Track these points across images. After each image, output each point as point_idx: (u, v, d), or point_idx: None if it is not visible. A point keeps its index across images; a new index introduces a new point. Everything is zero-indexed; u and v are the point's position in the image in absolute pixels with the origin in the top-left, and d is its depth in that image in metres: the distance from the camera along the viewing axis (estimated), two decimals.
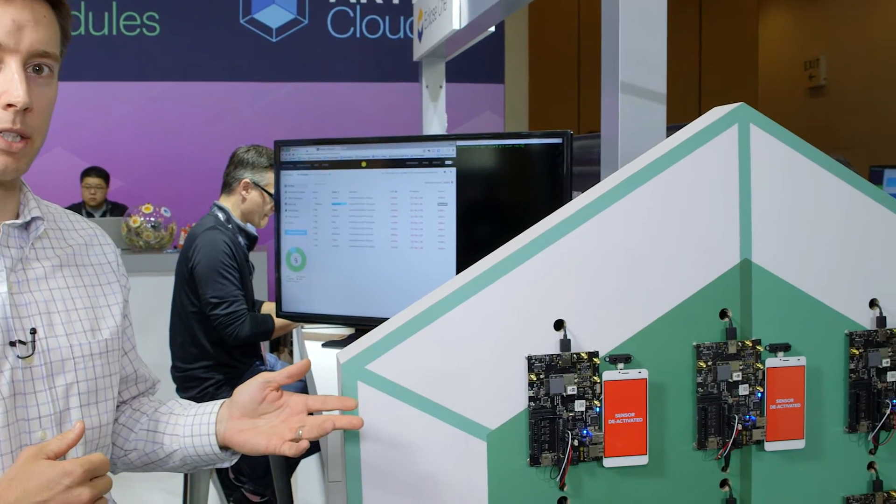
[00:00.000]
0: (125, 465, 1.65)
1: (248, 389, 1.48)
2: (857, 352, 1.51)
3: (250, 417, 1.48)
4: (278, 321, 3.25)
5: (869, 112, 9.42)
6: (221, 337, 3.18)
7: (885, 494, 1.54)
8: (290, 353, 5.23)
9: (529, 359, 1.39)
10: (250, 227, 3.55)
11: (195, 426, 1.55)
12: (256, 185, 3.48)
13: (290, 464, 3.39)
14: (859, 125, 9.58)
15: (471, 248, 2.36)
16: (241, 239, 3.45)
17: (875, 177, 5.92)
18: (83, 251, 1.57)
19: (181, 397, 3.24)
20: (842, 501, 1.53)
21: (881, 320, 1.53)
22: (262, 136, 4.06)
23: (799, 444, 1.49)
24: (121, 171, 7.74)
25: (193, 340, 3.27)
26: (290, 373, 1.45)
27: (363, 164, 2.52)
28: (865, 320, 1.53)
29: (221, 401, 1.57)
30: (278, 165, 2.66)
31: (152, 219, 5.97)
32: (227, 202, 3.51)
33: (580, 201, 1.44)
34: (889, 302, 1.54)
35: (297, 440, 1.38)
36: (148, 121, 8.02)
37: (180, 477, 3.60)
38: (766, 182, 1.48)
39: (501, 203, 2.42)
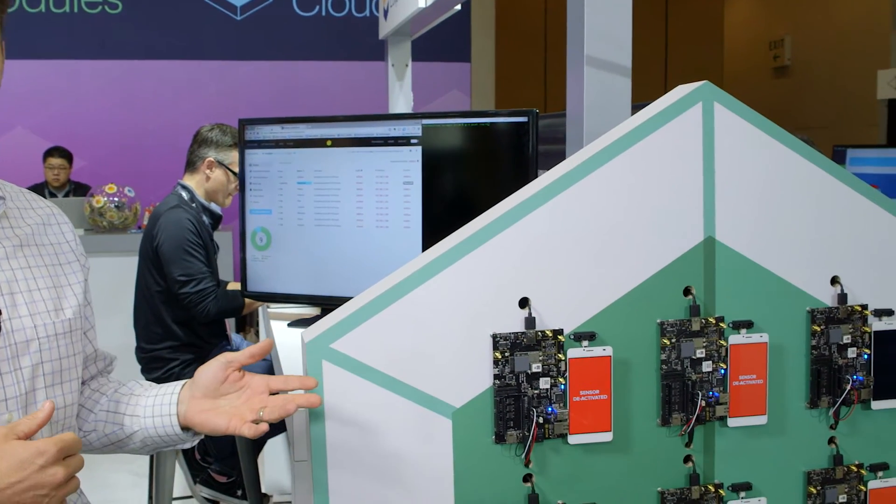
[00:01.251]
0: (85, 447, 1.64)
1: (209, 370, 1.47)
2: (818, 328, 1.53)
3: (212, 398, 1.47)
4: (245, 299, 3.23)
5: (833, 92, 9.50)
6: (192, 315, 3.16)
7: (846, 469, 1.56)
8: (256, 333, 5.21)
9: (494, 337, 1.39)
10: (214, 207, 3.52)
11: (156, 406, 1.54)
12: (220, 163, 3.45)
13: (257, 444, 3.38)
14: (823, 105, 9.65)
15: (436, 226, 2.36)
16: (205, 218, 3.42)
17: (838, 156, 5.97)
18: (42, 230, 1.55)
19: (146, 378, 3.22)
20: (803, 476, 1.55)
21: (842, 297, 1.54)
22: (227, 115, 4.02)
23: (761, 420, 1.51)
24: (83, 151, 7.65)
25: (158, 321, 3.24)
26: (253, 353, 1.45)
27: (328, 142, 2.50)
28: (827, 297, 1.55)
29: (183, 381, 1.56)
30: (242, 144, 2.64)
31: (116, 199, 5.92)
32: (190, 181, 3.48)
33: (545, 179, 1.43)
34: (850, 279, 1.55)
35: (257, 421, 1.37)
36: (111, 100, 7.92)
37: (146, 458, 3.59)
38: (729, 160, 1.49)
39: (467, 182, 2.41)
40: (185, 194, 3.42)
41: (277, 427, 3.21)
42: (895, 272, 1.57)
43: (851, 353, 1.54)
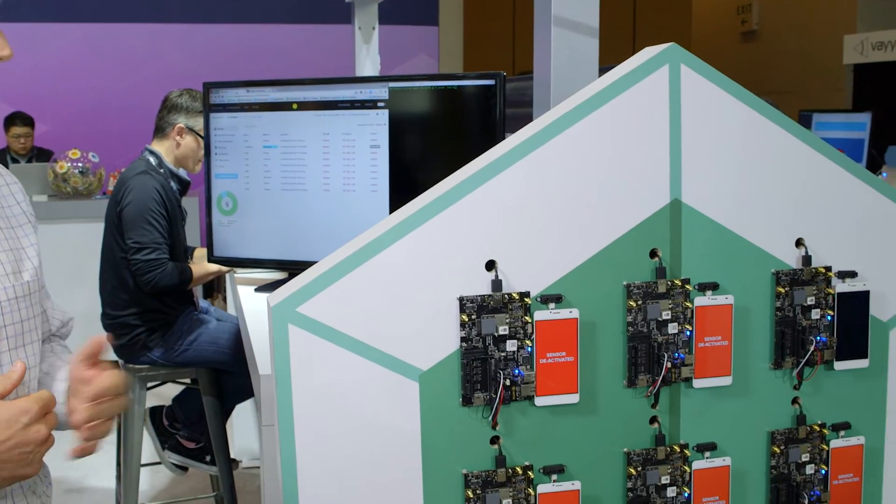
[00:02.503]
0: None
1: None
2: (782, 290, 1.54)
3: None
4: (197, 269, 3.21)
5: (800, 57, 9.53)
6: (138, 284, 3.13)
7: (809, 428, 1.58)
8: (224, 298, 5.19)
9: (461, 299, 1.39)
10: (182, 172, 3.48)
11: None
12: (191, 129, 3.41)
13: (225, 409, 3.38)
14: (790, 70, 9.69)
15: (404, 190, 2.35)
16: (173, 184, 3.39)
17: (804, 121, 6.01)
18: None
19: (112, 344, 3.20)
20: (767, 436, 1.57)
21: (806, 259, 1.55)
22: (191, 79, 3.97)
23: (726, 381, 1.52)
24: (46, 116, 7.55)
25: (123, 287, 3.22)
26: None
27: (294, 106, 2.48)
28: (791, 259, 1.56)
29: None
30: (207, 108, 2.61)
31: (80, 164, 5.85)
32: (159, 147, 3.44)
33: (511, 142, 1.43)
34: (814, 241, 1.56)
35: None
36: (73, 64, 7.81)
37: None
38: (696, 122, 1.49)
39: (434, 145, 2.40)
40: (153, 160, 3.38)
41: (246, 391, 3.21)
42: (859, 235, 1.59)
43: (815, 314, 1.56)
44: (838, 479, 1.60)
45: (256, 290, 2.67)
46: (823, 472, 1.59)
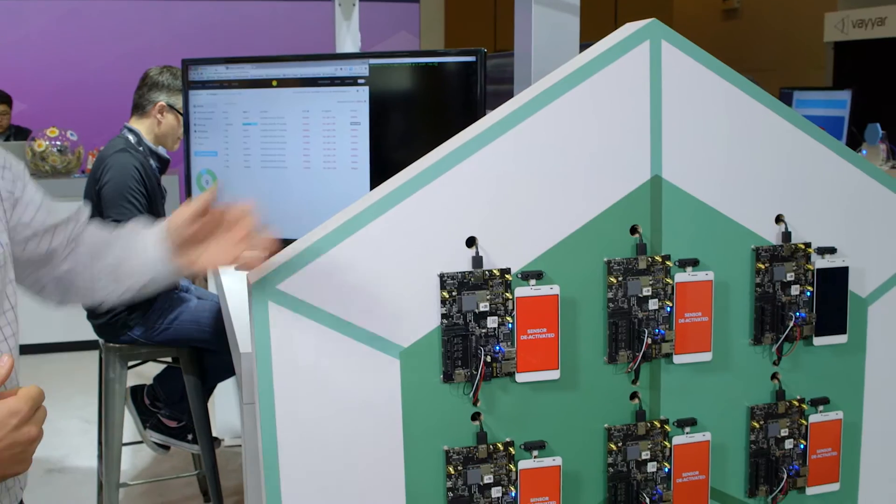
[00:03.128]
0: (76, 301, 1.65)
1: (179, 228, 1.44)
2: (762, 266, 1.54)
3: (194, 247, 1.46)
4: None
5: (781, 35, 9.54)
6: None
7: (788, 403, 1.59)
8: (205, 277, 5.17)
9: (441, 276, 1.38)
10: (162, 150, 3.45)
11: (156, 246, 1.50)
12: (172, 107, 3.38)
13: (207, 388, 3.37)
14: (771, 48, 9.70)
15: (384, 167, 2.34)
16: (152, 162, 3.36)
17: (784, 98, 6.02)
18: None
19: (92, 323, 3.19)
20: (746, 411, 1.58)
21: (786, 235, 1.56)
22: (170, 56, 3.92)
23: (706, 357, 1.53)
24: (24, 94, 7.47)
25: None
26: (206, 199, 1.42)
27: (274, 83, 2.47)
28: (771, 235, 1.56)
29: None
30: (186, 85, 2.59)
31: (58, 143, 5.80)
32: (139, 125, 3.41)
33: (492, 118, 1.42)
34: (794, 218, 1.57)
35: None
36: (51, 41, 7.73)
37: (95, 405, 3.56)
38: (676, 98, 1.48)
39: (415, 122, 2.39)
40: (132, 138, 3.35)
41: (227, 370, 3.20)
42: (839, 211, 1.59)
43: (795, 290, 1.56)
44: (817, 453, 1.61)
45: (237, 268, 2.65)
46: (802, 446, 1.61)
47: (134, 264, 1.52)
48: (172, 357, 3.32)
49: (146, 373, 3.81)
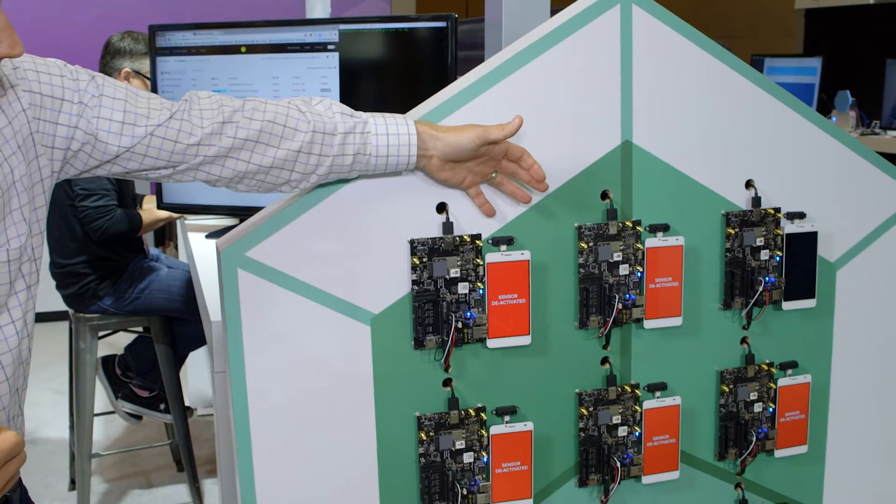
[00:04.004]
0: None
1: (466, 143, 1.33)
2: (732, 231, 1.55)
3: (452, 162, 1.36)
4: (147, 215, 3.16)
5: (752, 2, 9.54)
6: (87, 231, 3.08)
7: (757, 367, 1.60)
8: (176, 247, 5.14)
9: (412, 242, 1.38)
10: None
11: (389, 126, 1.33)
12: (138, 73, 3.33)
13: (179, 357, 3.35)
14: (742, 15, 9.70)
15: None
16: None
17: (756, 65, 6.02)
18: None
19: (62, 293, 3.16)
20: (716, 375, 1.59)
21: (756, 201, 1.56)
22: (135, 21, 3.87)
23: (676, 322, 1.53)
24: None
25: (72, 235, 3.16)
26: (508, 131, 1.34)
27: (243, 49, 2.44)
28: (741, 201, 1.57)
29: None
30: (154, 51, 2.56)
31: None
32: None
33: (462, 83, 1.41)
34: (764, 183, 1.57)
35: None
36: (13, 11, 7.59)
37: (66, 376, 3.54)
38: (647, 63, 1.48)
39: (386, 88, 2.37)
40: None
41: (199, 339, 3.19)
42: (808, 176, 1.60)
43: (764, 255, 1.57)
44: (785, 416, 1.63)
45: (207, 236, 2.64)
46: (771, 409, 1.62)
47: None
48: (143, 327, 3.30)
49: (117, 343, 3.79)
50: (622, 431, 1.53)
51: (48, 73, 1.19)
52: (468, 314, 1.41)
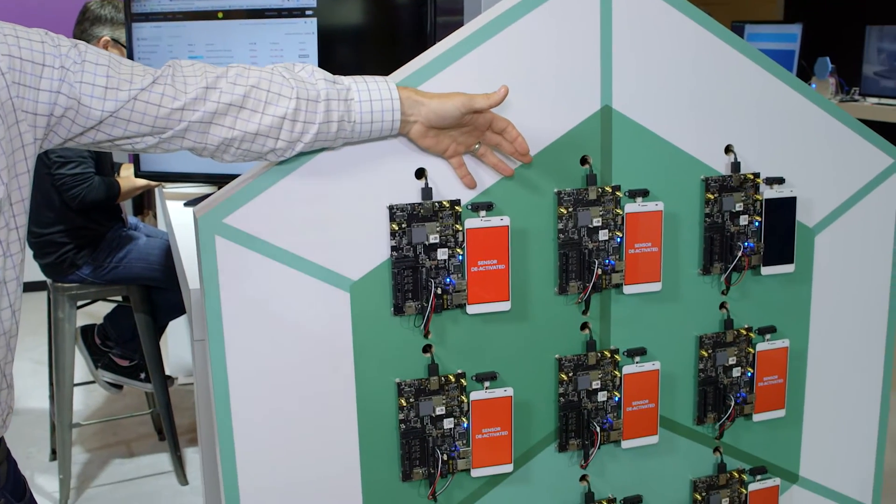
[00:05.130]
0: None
1: (450, 110, 1.32)
2: (712, 197, 1.55)
3: (437, 129, 1.35)
4: (125, 183, 3.13)
5: None
6: (65, 199, 3.05)
7: (736, 332, 1.61)
8: (155, 215, 5.11)
9: (391, 208, 1.37)
10: None
11: (372, 91, 1.31)
12: (117, 42, 3.29)
13: (158, 326, 3.34)
14: None
15: None
16: None
17: (736, 32, 5.99)
18: None
19: (39, 263, 3.13)
20: (695, 340, 1.59)
21: (735, 166, 1.56)
22: None
23: (656, 287, 1.54)
24: None
25: (48, 204, 3.13)
26: (493, 100, 1.33)
27: (219, 14, 2.41)
28: (721, 166, 1.57)
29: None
30: (129, 18, 2.52)
31: None
32: None
33: (440, 48, 1.40)
34: (743, 148, 1.57)
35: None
36: None
37: (45, 346, 3.52)
38: (627, 28, 1.47)
39: (364, 54, 2.35)
40: None
41: (178, 308, 3.18)
42: (788, 142, 1.60)
43: (743, 220, 1.57)
44: (763, 380, 1.64)
45: (186, 204, 2.62)
46: (749, 374, 1.63)
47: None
48: (122, 296, 3.28)
49: (96, 312, 3.77)
50: (602, 396, 1.54)
51: (28, 39, 1.18)
52: (448, 280, 1.41)
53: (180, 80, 1.24)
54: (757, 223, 1.58)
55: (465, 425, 1.46)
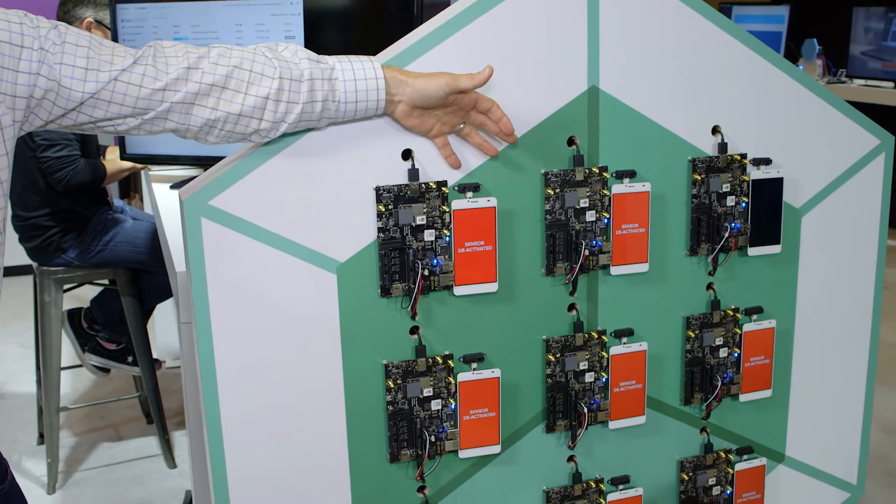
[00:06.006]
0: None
1: (434, 90, 1.31)
2: (699, 177, 1.55)
3: (421, 109, 1.34)
4: (111, 166, 3.12)
5: None
6: (50, 182, 3.03)
7: (723, 313, 1.61)
8: (141, 199, 5.08)
9: (377, 189, 1.37)
10: None
11: (356, 70, 1.30)
12: (100, 23, 3.26)
13: (146, 310, 3.33)
14: None
15: None
16: None
17: (724, 13, 5.99)
18: None
19: (25, 247, 3.12)
20: (682, 321, 1.60)
21: (722, 147, 1.56)
22: None
23: (643, 268, 1.54)
24: None
25: (34, 187, 3.12)
26: (478, 80, 1.32)
27: None
28: (708, 147, 1.56)
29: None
30: None
31: None
32: None
33: (427, 28, 1.39)
34: (731, 129, 1.57)
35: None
36: None
37: (32, 330, 3.51)
38: (614, 8, 1.46)
39: (351, 35, 2.34)
40: None
41: (165, 291, 3.17)
42: (775, 122, 1.60)
43: (730, 201, 1.57)
44: (750, 361, 1.64)
45: (172, 187, 2.61)
46: (736, 354, 1.63)
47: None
48: (109, 279, 3.27)
49: (83, 296, 3.76)
50: (589, 377, 1.54)
51: (6, 21, 1.16)
52: (434, 262, 1.40)
53: (161, 60, 1.23)
54: (744, 204, 1.58)
55: (453, 407, 1.46)
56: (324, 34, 2.31)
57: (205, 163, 2.56)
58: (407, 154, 1.38)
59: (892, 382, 3.68)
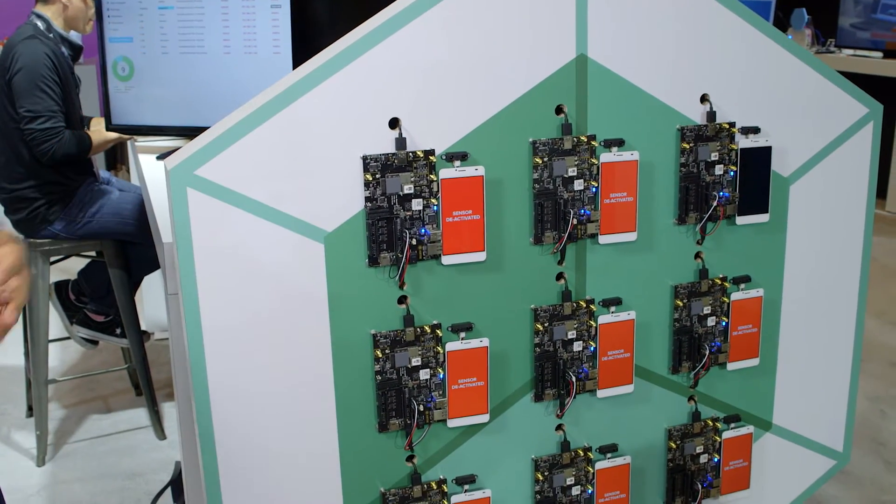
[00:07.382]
0: None
1: None
2: (687, 146, 1.54)
3: None
4: (96, 137, 3.10)
5: None
6: (35, 155, 3.01)
7: (711, 282, 1.61)
8: (128, 170, 5.05)
9: (364, 158, 1.36)
10: (74, 36, 3.31)
11: None
12: None
13: (133, 281, 3.32)
14: None
15: (308, 51, 2.27)
16: (64, 49, 3.23)
17: None
18: None
19: (11, 219, 3.10)
20: (670, 290, 1.60)
21: (711, 115, 1.56)
22: None
23: (631, 237, 1.54)
24: None
25: (19, 159, 3.09)
26: None
27: None
28: (696, 115, 1.56)
29: None
30: None
31: None
32: (46, 10, 3.26)
33: None
34: (719, 97, 1.56)
35: None
36: None
37: None
38: None
39: (338, 2, 2.32)
40: (41, 24, 3.21)
41: (153, 262, 3.16)
42: (763, 91, 1.59)
43: (718, 170, 1.57)
44: (738, 329, 1.65)
45: (158, 157, 2.59)
46: (724, 323, 1.64)
47: None
48: (96, 251, 3.26)
49: (70, 268, 3.74)
50: (577, 346, 1.54)
51: None
52: (422, 231, 1.40)
53: None
54: (732, 173, 1.58)
55: (441, 376, 1.46)
56: (311, 4, 2.29)
57: (190, 133, 2.54)
58: (394, 123, 1.37)
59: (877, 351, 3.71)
